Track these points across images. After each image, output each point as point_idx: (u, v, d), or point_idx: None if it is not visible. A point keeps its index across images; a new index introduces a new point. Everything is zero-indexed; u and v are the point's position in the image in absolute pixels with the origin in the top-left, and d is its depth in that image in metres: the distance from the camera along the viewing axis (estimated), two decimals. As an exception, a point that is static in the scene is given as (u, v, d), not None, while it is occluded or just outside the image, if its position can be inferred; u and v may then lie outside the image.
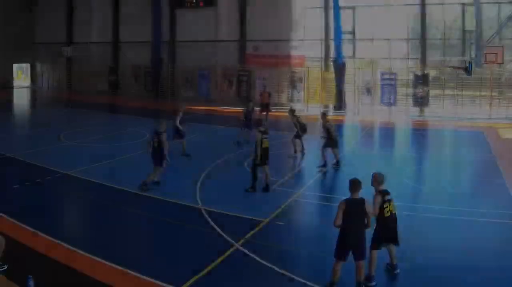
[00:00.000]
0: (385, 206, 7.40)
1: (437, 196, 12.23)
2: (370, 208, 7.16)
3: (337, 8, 28.03)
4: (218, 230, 9.46)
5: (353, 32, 30.21)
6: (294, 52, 30.88)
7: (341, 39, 28.32)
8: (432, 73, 27.79)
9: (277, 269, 7.79)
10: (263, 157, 11.95)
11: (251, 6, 31.93)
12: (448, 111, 26.49)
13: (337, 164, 14.69)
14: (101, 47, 37.84)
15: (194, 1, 33.39)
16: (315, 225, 10.51)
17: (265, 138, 12.06)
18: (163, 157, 12.06)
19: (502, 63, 23.03)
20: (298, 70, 30.37)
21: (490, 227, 9.91)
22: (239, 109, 19.23)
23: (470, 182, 14.08)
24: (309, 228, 10.41)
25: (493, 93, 26.01)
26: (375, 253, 7.44)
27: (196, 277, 7.50)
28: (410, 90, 27.27)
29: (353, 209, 6.99)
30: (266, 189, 12.08)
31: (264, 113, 23.28)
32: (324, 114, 15.42)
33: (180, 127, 15.75)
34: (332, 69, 28.92)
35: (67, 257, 8.14)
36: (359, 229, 7.02)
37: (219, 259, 8.15)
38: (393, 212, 7.54)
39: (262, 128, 12.18)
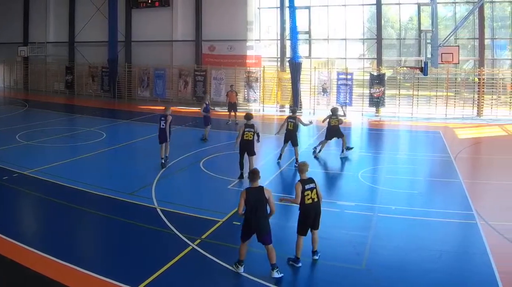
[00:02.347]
0: (306, 193, 7.38)
1: (393, 195, 11.27)
2: (269, 193, 7.16)
3: (292, 8, 25.37)
4: (174, 230, 8.91)
5: (309, 32, 27.71)
6: (250, 52, 28.10)
7: (297, 39, 25.64)
8: (388, 73, 25.46)
9: (233, 268, 7.39)
10: (243, 148, 12.13)
11: (206, 6, 29.19)
12: (404, 111, 24.31)
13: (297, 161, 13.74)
14: (58, 47, 34.76)
15: (149, 1, 30.33)
16: (272, 224, 8.53)
17: (248, 131, 12.10)
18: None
19: (458, 63, 21.07)
20: (254, 70, 27.58)
21: (445, 226, 9.41)
22: (195, 109, 17.84)
23: (426, 182, 12.90)
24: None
25: (449, 93, 24.05)
26: (300, 238, 7.49)
27: (152, 277, 7.09)
28: (366, 90, 24.84)
29: (253, 196, 7.09)
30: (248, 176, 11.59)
31: (233, 113, 21.74)
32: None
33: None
34: (288, 69, 26.20)
35: (23, 257, 7.70)
36: (260, 214, 7.07)
37: (175, 259, 7.71)
38: (315, 199, 7.46)
39: (250, 123, 12.25)
